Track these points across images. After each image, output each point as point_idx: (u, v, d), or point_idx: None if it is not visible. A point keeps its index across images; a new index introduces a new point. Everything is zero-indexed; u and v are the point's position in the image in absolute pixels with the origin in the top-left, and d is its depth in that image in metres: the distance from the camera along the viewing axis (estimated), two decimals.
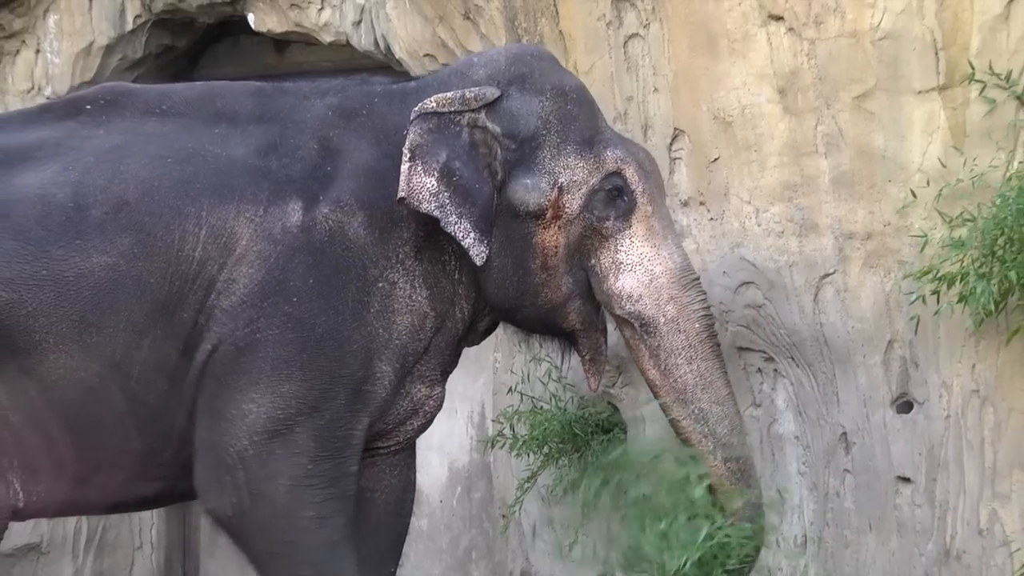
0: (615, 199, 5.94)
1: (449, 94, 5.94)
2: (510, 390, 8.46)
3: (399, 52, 8.63)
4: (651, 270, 5.98)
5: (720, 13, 7.54)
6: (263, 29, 9.13)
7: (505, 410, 8.47)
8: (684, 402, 6.14)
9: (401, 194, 5.81)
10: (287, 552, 5.96)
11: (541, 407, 7.95)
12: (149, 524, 9.76)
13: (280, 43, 9.49)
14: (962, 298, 6.40)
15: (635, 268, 5.97)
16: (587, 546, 6.45)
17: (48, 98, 9.30)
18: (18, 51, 9.39)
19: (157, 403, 5.99)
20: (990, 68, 6.90)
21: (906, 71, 7.07)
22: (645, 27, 7.80)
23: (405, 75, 8.72)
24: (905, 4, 7.13)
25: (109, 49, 9.31)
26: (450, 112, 5.90)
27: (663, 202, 6.11)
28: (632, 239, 5.98)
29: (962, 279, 6.61)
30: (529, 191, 5.87)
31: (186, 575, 9.90)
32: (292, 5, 8.95)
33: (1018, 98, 6.90)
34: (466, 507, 9.50)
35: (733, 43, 7.49)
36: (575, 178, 5.90)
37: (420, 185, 5.80)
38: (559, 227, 5.88)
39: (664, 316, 5.99)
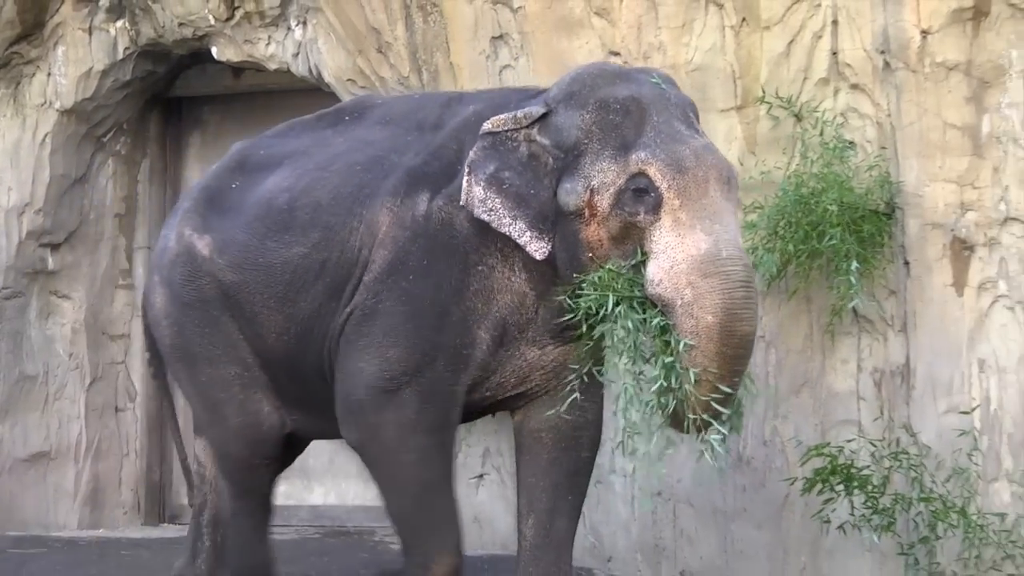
0: (642, 196, 5.30)
1: (504, 115, 5.59)
2: None
3: (327, 77, 8.58)
4: (673, 257, 5.25)
5: (572, 49, 7.59)
6: (223, 59, 9.04)
7: None
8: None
9: (462, 202, 5.55)
10: (393, 485, 5.78)
11: None
12: (135, 437, 9.67)
13: (237, 69, 9.38)
14: (755, 266, 6.42)
15: (660, 256, 5.27)
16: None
17: (57, 111, 9.26)
18: (34, 74, 9.27)
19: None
20: (776, 93, 6.96)
21: (712, 95, 7.15)
22: (516, 60, 7.81)
23: (332, 96, 8.69)
24: (711, 43, 7.20)
25: (104, 73, 9.20)
26: (504, 131, 5.57)
27: (700, 194, 5.29)
28: (660, 230, 5.28)
29: (753, 252, 6.67)
30: (568, 194, 5.45)
31: (162, 476, 9.80)
32: (246, 40, 8.88)
33: (795, 116, 6.97)
34: None
35: None
36: (605, 180, 5.37)
37: (471, 194, 5.51)
38: (598, 224, 5.39)
39: (681, 299, 5.21)
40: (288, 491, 9.42)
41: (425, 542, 5.74)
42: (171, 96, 9.86)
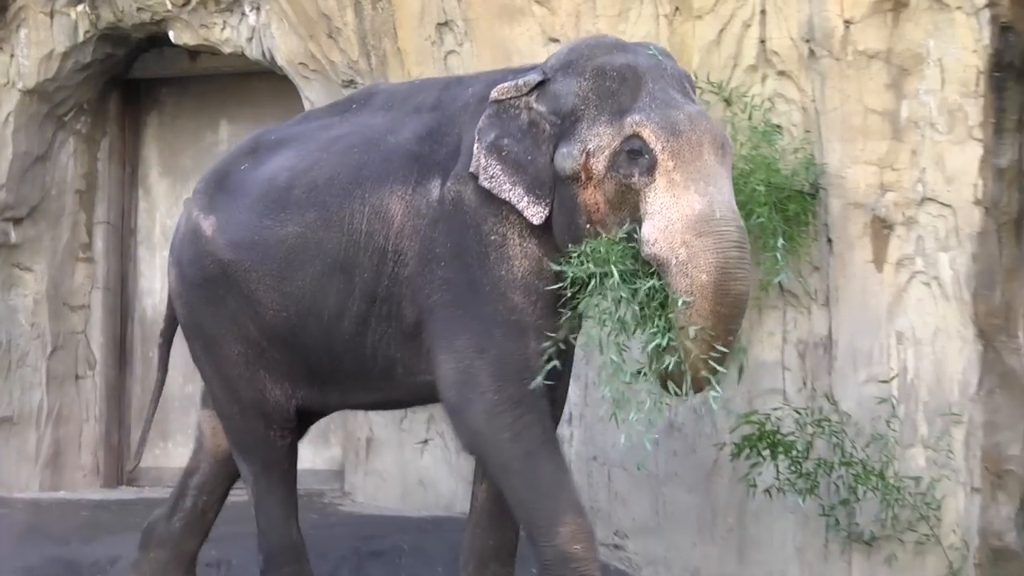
0: (636, 158, 5.15)
1: (506, 83, 5.49)
2: None
3: (280, 61, 8.53)
4: (668, 217, 5.09)
5: (514, 36, 7.56)
6: (180, 42, 8.97)
7: None
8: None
9: (471, 170, 5.44)
10: (498, 466, 5.52)
11: None
12: (94, 403, 9.63)
13: (193, 53, 9.31)
14: None
15: (655, 216, 5.11)
16: None
17: (20, 91, 9.19)
18: None
19: (350, 338, 5.75)
20: (707, 79, 6.95)
21: None
22: (460, 45, 7.78)
23: (285, 79, 8.64)
24: (646, 31, 7.18)
25: (65, 55, 9.11)
26: (508, 99, 5.45)
27: (694, 157, 5.15)
28: (655, 191, 5.13)
29: None
30: (565, 158, 5.30)
31: (120, 440, 9.76)
32: (202, 25, 8.82)
33: (725, 100, 6.97)
34: None
35: (524, 58, 7.43)
36: (601, 143, 5.23)
37: (476, 161, 5.40)
38: (594, 187, 5.24)
39: (676, 258, 5.06)
40: None
41: (544, 512, 5.41)
42: (130, 78, 9.79)
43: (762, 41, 7.00)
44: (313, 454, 9.37)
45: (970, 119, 6.64)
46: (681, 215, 5.10)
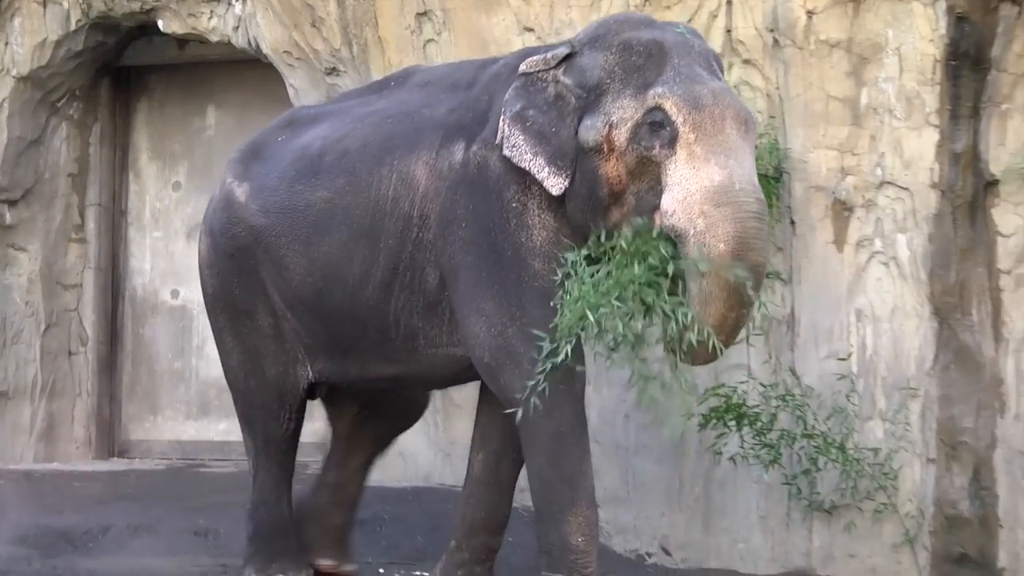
0: (658, 130, 4.97)
1: (536, 57, 5.31)
2: None
3: (265, 49, 8.48)
4: (687, 188, 4.90)
5: (491, 26, 7.54)
6: (169, 31, 8.92)
7: None
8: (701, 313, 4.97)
9: (496, 140, 5.29)
10: (527, 436, 5.33)
11: None
12: (86, 378, 9.60)
13: (181, 41, 9.27)
14: None
15: (674, 187, 4.92)
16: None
17: (14, 77, 9.13)
18: None
19: (373, 306, 5.59)
20: None
21: None
22: (439, 34, 7.75)
23: (270, 67, 8.60)
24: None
25: (58, 44, 9.06)
26: (536, 71, 5.26)
27: (716, 131, 4.97)
28: (676, 163, 4.94)
29: None
30: (588, 130, 5.10)
31: (111, 415, 9.72)
32: (190, 15, 8.76)
33: None
34: None
35: (499, 47, 7.45)
36: (624, 115, 5.04)
37: (501, 131, 5.24)
38: (616, 159, 5.04)
39: (694, 229, 4.88)
40: (228, 427, 9.41)
41: (560, 497, 5.30)
42: (120, 65, 9.74)
43: (728, 31, 6.99)
44: None
45: (927, 106, 6.65)
46: (700, 186, 4.92)
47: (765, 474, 6.66)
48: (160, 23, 8.93)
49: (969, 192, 6.72)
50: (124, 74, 9.85)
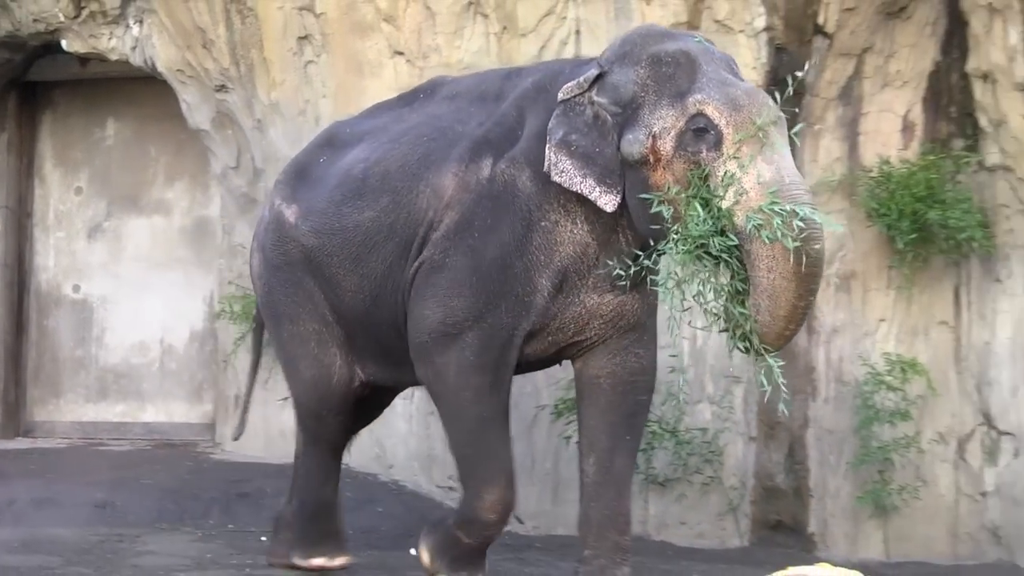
0: (703, 134, 4.65)
1: (571, 83, 4.97)
2: (230, 283, 8.30)
3: (160, 68, 8.35)
4: (739, 186, 4.59)
5: (364, 49, 7.50)
6: (72, 50, 8.75)
7: (225, 295, 8.30)
8: (760, 308, 4.65)
9: (544, 169, 4.93)
10: (453, 420, 5.20)
11: (247, 294, 7.71)
12: None
13: (83, 59, 9.07)
14: None
15: (727, 188, 4.62)
16: None
17: None
18: None
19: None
20: None
21: None
22: (318, 56, 7.70)
23: (164, 83, 8.46)
24: (479, 47, 7.19)
25: None
26: (572, 97, 4.93)
27: (756, 128, 4.62)
28: (725, 164, 4.63)
29: None
30: (632, 144, 4.76)
31: (17, 398, 9.50)
32: (91, 35, 8.60)
33: None
34: (202, 355, 9.28)
35: (372, 69, 7.43)
36: (666, 125, 4.71)
37: (548, 159, 4.91)
38: (663, 168, 4.72)
39: (753, 225, 4.55)
40: (125, 410, 9.27)
41: (479, 473, 5.16)
42: (27, 80, 9.51)
43: (577, 57, 6.98)
44: (188, 409, 9.24)
45: None
46: (753, 184, 4.60)
47: None
48: (64, 43, 8.75)
49: None
50: (30, 88, 9.63)
